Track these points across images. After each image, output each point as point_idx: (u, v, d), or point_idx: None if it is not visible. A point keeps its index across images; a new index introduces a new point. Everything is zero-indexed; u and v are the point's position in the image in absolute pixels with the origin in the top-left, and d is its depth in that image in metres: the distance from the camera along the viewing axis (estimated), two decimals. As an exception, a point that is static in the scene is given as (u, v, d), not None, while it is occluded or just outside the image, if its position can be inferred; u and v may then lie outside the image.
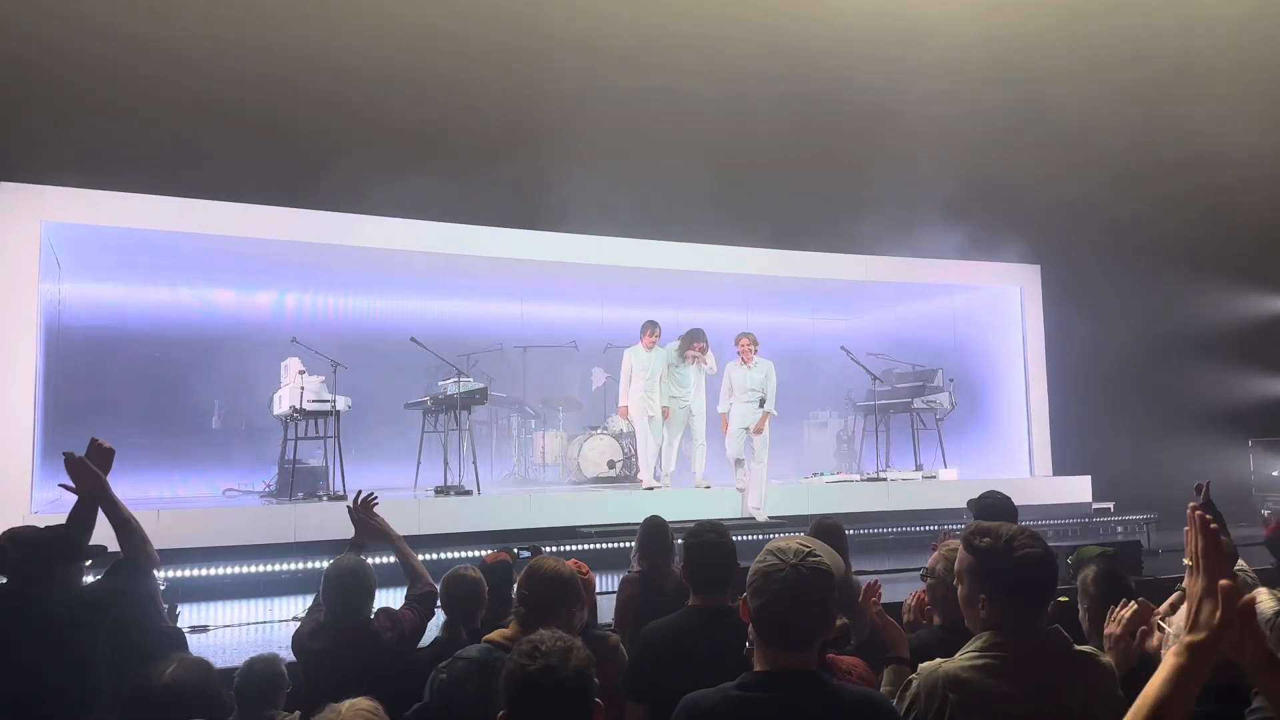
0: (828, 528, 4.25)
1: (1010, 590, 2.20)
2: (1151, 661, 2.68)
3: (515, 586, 3.10)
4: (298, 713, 3.27)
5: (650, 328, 9.62)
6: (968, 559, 2.30)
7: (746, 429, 9.22)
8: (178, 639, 3.44)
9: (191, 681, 2.69)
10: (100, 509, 3.43)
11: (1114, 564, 3.49)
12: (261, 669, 3.39)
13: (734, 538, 3.30)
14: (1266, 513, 7.12)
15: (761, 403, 9.15)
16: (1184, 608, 2.28)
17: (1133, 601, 2.78)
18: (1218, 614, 1.31)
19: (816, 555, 2.02)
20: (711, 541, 3.21)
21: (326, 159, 9.15)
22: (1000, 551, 2.22)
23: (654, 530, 4.61)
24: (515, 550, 4.67)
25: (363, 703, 1.94)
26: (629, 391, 9.57)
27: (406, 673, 3.27)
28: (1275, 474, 12.79)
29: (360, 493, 4.13)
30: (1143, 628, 2.70)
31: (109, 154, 8.12)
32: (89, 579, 3.50)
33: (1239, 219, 12.68)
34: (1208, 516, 1.46)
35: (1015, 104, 11.68)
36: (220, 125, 8.76)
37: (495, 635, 2.94)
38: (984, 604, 2.23)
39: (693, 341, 9.52)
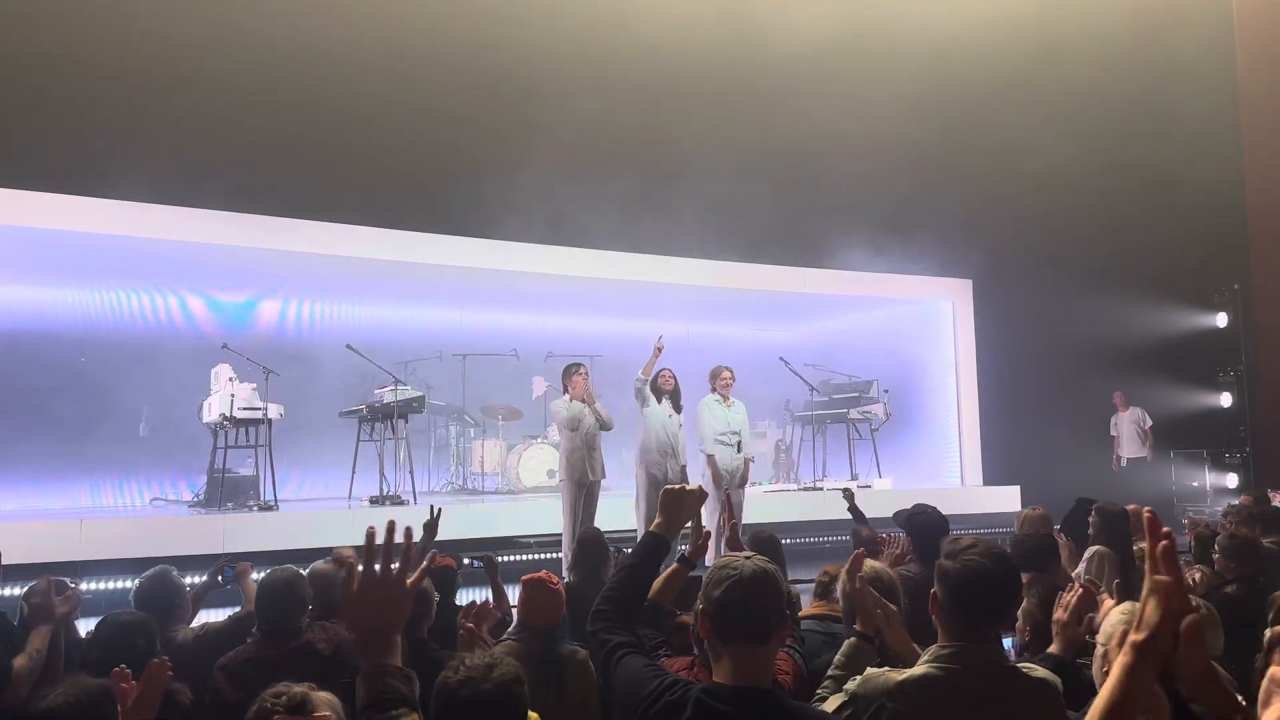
0: (763, 540, 4.26)
1: (953, 598, 2.25)
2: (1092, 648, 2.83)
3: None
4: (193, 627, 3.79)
5: (573, 370, 7.94)
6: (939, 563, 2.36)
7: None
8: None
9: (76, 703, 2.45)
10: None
11: None
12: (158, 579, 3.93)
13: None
14: (1186, 521, 7.39)
15: (739, 447, 8.11)
16: (1110, 618, 2.36)
17: (1078, 587, 2.91)
18: (1158, 612, 1.34)
19: (765, 558, 2.08)
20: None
21: (260, 162, 8.97)
22: (952, 556, 2.28)
23: (589, 544, 4.65)
24: (465, 559, 4.69)
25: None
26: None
27: (341, 685, 3.20)
28: (1195, 484, 13.22)
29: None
30: (1090, 614, 2.84)
31: (31, 153, 7.87)
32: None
33: (1165, 237, 13.11)
34: (1158, 520, 1.49)
35: (954, 129, 11.97)
36: (143, 124, 8.48)
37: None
38: (934, 604, 2.29)
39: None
